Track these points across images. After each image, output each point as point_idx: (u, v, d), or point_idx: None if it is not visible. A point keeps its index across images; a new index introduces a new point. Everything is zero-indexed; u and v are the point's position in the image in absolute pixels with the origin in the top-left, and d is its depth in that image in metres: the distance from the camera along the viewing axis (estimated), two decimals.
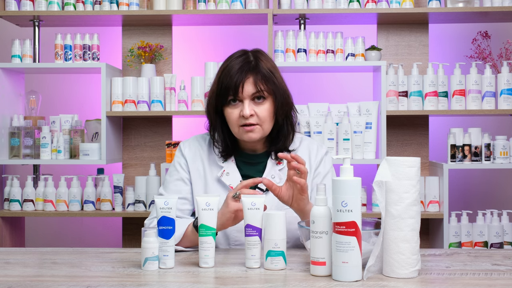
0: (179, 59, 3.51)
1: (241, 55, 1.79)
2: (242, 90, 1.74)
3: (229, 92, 1.74)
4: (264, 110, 1.76)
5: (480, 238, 3.01)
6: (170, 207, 1.50)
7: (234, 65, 1.76)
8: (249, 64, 1.76)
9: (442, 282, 1.35)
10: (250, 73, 1.74)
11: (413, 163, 1.37)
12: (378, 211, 3.00)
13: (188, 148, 1.89)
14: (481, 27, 3.32)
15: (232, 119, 1.77)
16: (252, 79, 1.74)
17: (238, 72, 1.74)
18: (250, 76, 1.74)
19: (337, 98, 3.44)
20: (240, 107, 1.76)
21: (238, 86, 1.73)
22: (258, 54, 1.80)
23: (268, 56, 1.84)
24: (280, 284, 1.33)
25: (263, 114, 1.76)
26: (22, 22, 3.31)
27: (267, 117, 1.77)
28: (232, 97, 1.75)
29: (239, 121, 1.76)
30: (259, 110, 1.75)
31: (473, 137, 3.03)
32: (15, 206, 3.15)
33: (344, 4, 3.11)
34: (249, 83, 1.74)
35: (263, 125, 1.77)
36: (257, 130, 1.76)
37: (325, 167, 1.88)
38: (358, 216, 1.33)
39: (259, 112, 1.75)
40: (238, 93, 1.74)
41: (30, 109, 3.32)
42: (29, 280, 1.36)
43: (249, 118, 1.74)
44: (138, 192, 3.15)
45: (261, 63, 1.77)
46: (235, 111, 1.76)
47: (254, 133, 1.76)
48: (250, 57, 1.78)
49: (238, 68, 1.74)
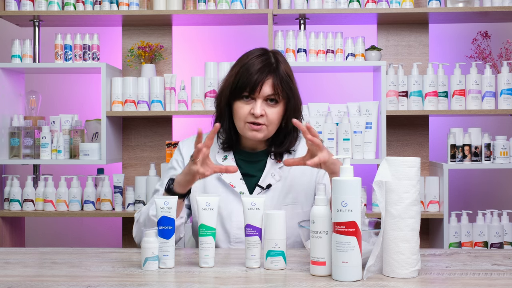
0: (179, 59, 3.51)
1: (262, 54, 1.79)
2: (260, 90, 1.74)
3: (246, 88, 1.75)
4: (275, 113, 1.77)
5: (480, 238, 3.01)
6: (170, 207, 1.50)
7: (255, 63, 1.76)
8: (270, 65, 1.76)
9: (442, 282, 1.35)
10: (271, 75, 1.75)
11: (413, 163, 1.37)
12: (378, 211, 3.00)
13: (186, 147, 1.89)
14: (481, 27, 3.32)
15: (241, 114, 1.77)
16: (272, 81, 1.75)
17: (259, 71, 1.74)
18: (270, 78, 1.75)
19: (337, 98, 3.43)
20: (252, 104, 1.76)
21: (257, 85, 1.74)
22: (278, 56, 1.81)
23: (286, 59, 1.85)
24: (280, 284, 1.33)
25: (272, 117, 1.76)
26: (22, 22, 3.31)
27: (276, 120, 1.78)
28: (247, 93, 1.76)
29: (247, 118, 1.76)
30: (270, 111, 1.76)
31: (473, 137, 3.03)
32: (15, 206, 3.15)
33: (344, 4, 3.11)
34: (267, 84, 1.75)
35: (270, 126, 1.78)
36: (262, 130, 1.77)
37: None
38: (358, 216, 1.33)
39: (270, 114, 1.76)
40: (255, 91, 1.74)
41: (30, 109, 3.32)
42: (29, 280, 1.36)
43: (259, 117, 1.75)
44: (138, 192, 3.15)
45: (281, 66, 1.78)
46: (246, 107, 1.76)
47: (259, 132, 1.77)
48: (272, 58, 1.78)
49: (260, 67, 1.75)
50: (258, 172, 1.84)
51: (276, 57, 1.80)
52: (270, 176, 1.82)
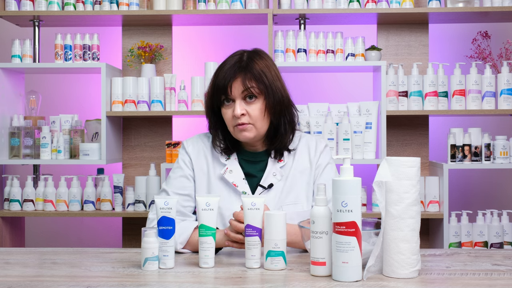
0: (179, 59, 3.51)
1: (236, 55, 1.81)
2: (231, 90, 1.75)
3: (220, 92, 1.77)
4: (256, 109, 1.77)
5: (480, 238, 3.01)
6: (170, 207, 1.50)
7: (225, 65, 1.78)
8: (240, 63, 1.77)
9: (442, 282, 1.35)
10: (239, 73, 1.76)
11: (413, 163, 1.37)
12: (378, 211, 3.00)
13: (192, 146, 1.90)
14: (481, 27, 3.32)
15: (227, 119, 1.79)
16: (241, 78, 1.76)
17: (227, 71, 1.76)
18: (239, 76, 1.76)
19: (337, 98, 3.43)
20: (233, 107, 1.77)
21: (227, 85, 1.75)
22: (253, 54, 1.81)
23: (267, 55, 1.84)
24: (280, 284, 1.33)
25: (254, 113, 1.77)
26: (22, 22, 3.31)
27: (259, 116, 1.77)
28: (224, 97, 1.77)
29: (232, 121, 1.78)
30: (250, 109, 1.76)
31: (473, 137, 3.03)
32: (15, 206, 3.15)
33: (344, 4, 3.11)
34: (237, 82, 1.76)
35: (256, 124, 1.78)
36: (249, 129, 1.77)
37: (325, 158, 1.89)
38: (358, 216, 1.33)
39: (251, 111, 1.76)
40: (228, 93, 1.76)
41: (30, 109, 3.31)
42: (29, 280, 1.36)
43: (240, 117, 1.75)
44: (138, 192, 3.15)
45: (253, 63, 1.77)
46: (229, 111, 1.78)
47: (247, 132, 1.77)
48: (244, 57, 1.79)
49: (228, 68, 1.77)
50: (260, 172, 1.84)
51: (250, 55, 1.80)
52: (272, 176, 1.83)
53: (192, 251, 1.70)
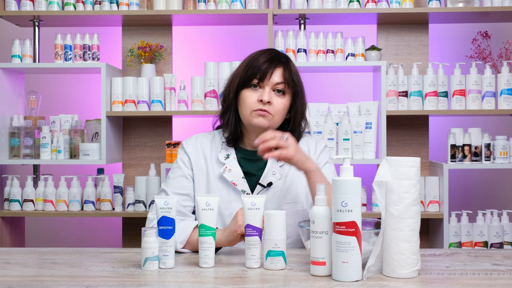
0: (179, 59, 3.51)
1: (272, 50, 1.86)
2: (270, 77, 1.79)
3: (256, 75, 1.79)
4: (281, 104, 1.80)
5: (480, 238, 3.01)
6: (170, 207, 1.50)
7: (265, 56, 1.82)
8: (280, 58, 1.83)
9: (442, 282, 1.35)
10: (280, 65, 1.81)
11: (413, 163, 1.37)
12: (378, 211, 3.00)
13: (191, 146, 1.90)
14: (481, 27, 3.32)
15: (248, 102, 1.80)
16: (282, 70, 1.81)
17: (269, 60, 1.80)
18: (280, 68, 1.81)
19: (337, 98, 3.43)
20: (260, 92, 1.80)
21: (267, 72, 1.79)
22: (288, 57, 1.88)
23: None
24: (280, 284, 1.33)
25: (278, 107, 1.80)
26: (22, 22, 3.31)
27: (281, 111, 1.81)
28: (256, 81, 1.79)
29: (254, 105, 1.79)
30: (276, 101, 1.80)
31: (473, 137, 3.03)
32: (15, 206, 3.15)
33: (344, 4, 3.11)
34: (277, 73, 1.80)
35: (275, 117, 1.80)
36: (268, 117, 1.80)
37: (324, 158, 1.91)
38: (358, 216, 1.33)
39: (276, 103, 1.79)
40: (264, 78, 1.79)
41: (30, 109, 3.31)
42: (29, 280, 1.36)
43: (266, 104, 1.78)
44: (138, 192, 3.15)
45: (291, 63, 1.85)
46: (254, 95, 1.79)
47: (265, 119, 1.79)
48: (281, 54, 1.86)
49: (269, 58, 1.81)
50: (259, 170, 1.84)
51: (285, 56, 1.87)
52: (271, 175, 1.83)
53: (192, 250, 1.70)
